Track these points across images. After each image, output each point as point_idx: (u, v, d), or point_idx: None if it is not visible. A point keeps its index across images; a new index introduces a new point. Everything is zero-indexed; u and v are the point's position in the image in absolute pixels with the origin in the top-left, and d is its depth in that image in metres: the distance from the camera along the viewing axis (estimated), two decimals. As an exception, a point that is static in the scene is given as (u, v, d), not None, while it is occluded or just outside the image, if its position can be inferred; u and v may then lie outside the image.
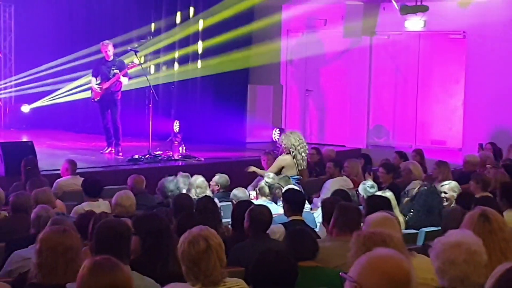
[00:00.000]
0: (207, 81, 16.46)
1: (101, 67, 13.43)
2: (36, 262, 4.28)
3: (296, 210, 6.84)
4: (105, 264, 3.40)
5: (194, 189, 8.22)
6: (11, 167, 10.39)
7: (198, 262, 4.08)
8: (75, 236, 4.45)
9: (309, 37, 16.80)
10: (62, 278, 4.17)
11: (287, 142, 10.46)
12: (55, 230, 4.44)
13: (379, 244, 3.80)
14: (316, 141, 16.38)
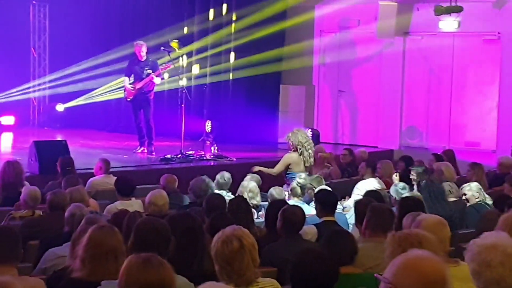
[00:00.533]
0: (240, 81, 16.47)
1: (134, 67, 13.49)
2: (81, 258, 4.32)
3: (328, 211, 6.82)
4: (153, 261, 3.42)
5: (246, 193, 8.21)
6: (45, 166, 10.47)
7: (231, 261, 4.08)
8: (120, 235, 4.49)
9: (342, 38, 16.75)
10: (105, 274, 4.21)
11: (294, 139, 10.51)
12: (104, 228, 4.50)
13: (415, 245, 3.77)
14: (348, 142, 16.33)
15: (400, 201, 7.04)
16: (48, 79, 18.51)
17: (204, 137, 14.85)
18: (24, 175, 9.00)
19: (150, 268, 3.39)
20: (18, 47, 18.00)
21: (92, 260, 4.30)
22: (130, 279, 3.38)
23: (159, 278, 3.37)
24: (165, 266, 3.44)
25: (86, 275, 4.29)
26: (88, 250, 4.32)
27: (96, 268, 4.28)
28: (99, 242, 4.32)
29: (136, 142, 14.08)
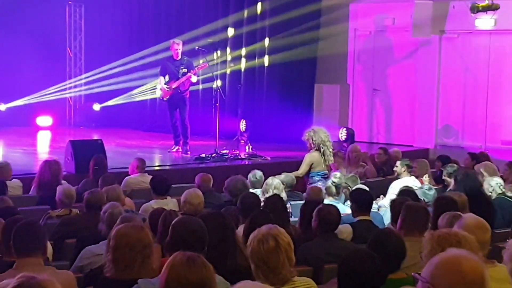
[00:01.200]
0: (274, 80, 16.46)
1: (170, 66, 13.54)
2: (112, 257, 4.34)
3: (363, 210, 6.80)
4: (197, 260, 3.46)
5: (271, 190, 8.22)
6: (81, 165, 10.54)
7: (267, 260, 4.07)
8: (150, 233, 4.51)
9: (377, 36, 16.66)
10: (136, 273, 4.23)
11: (317, 138, 10.50)
12: (134, 227, 4.50)
13: (454, 244, 3.74)
14: (383, 141, 16.23)
15: (435, 200, 6.99)
16: (84, 78, 18.66)
17: (239, 136, 14.90)
18: (61, 174, 9.07)
19: (194, 267, 3.42)
20: (54, 47, 18.18)
21: (121, 259, 4.31)
22: (173, 276, 3.41)
23: (202, 277, 3.40)
24: (207, 266, 3.47)
25: (117, 274, 4.31)
26: (116, 249, 4.34)
27: (128, 267, 4.29)
28: (130, 242, 4.32)
29: (171, 141, 14.14)
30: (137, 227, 4.49)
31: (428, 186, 8.44)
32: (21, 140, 15.46)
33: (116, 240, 4.37)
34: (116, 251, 4.34)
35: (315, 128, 10.77)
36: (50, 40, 17.82)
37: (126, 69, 17.69)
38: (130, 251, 4.31)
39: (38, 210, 7.75)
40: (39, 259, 4.60)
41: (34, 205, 8.29)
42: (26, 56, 17.10)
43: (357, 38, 16.91)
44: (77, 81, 18.72)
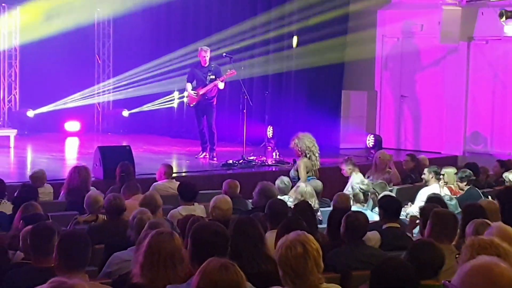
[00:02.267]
0: (301, 86, 16.45)
1: (197, 72, 13.57)
2: (141, 263, 4.36)
3: (392, 217, 6.76)
4: (229, 267, 3.48)
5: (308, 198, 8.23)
6: (110, 171, 10.59)
7: (295, 266, 4.05)
8: (179, 239, 4.51)
9: (405, 42, 16.60)
10: (164, 280, 4.23)
11: (302, 145, 10.64)
12: (164, 234, 4.50)
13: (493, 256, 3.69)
14: (411, 148, 16.16)
15: (464, 207, 6.94)
16: (112, 85, 18.76)
17: (266, 142, 14.89)
18: (90, 180, 9.12)
19: (226, 273, 3.46)
20: (83, 54, 18.29)
21: (150, 266, 4.32)
22: (206, 282, 3.44)
23: (234, 284, 3.42)
24: (239, 273, 3.50)
25: (145, 281, 4.32)
26: (147, 256, 4.35)
27: (154, 274, 4.30)
28: (157, 248, 4.35)
29: (198, 148, 14.17)
30: (167, 234, 4.50)
31: (449, 196, 8.39)
32: (49, 145, 15.58)
33: (147, 247, 4.39)
34: (145, 257, 4.35)
35: (300, 135, 10.82)
36: (78, 46, 17.94)
37: (153, 74, 17.76)
38: (158, 257, 4.32)
39: (66, 216, 7.79)
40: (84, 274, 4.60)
41: (63, 211, 8.35)
42: (55, 63, 17.23)
43: (384, 44, 16.85)
44: (105, 87, 18.82)
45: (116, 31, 18.67)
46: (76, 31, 17.52)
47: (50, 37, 17.17)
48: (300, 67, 16.29)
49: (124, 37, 18.47)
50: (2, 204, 8.15)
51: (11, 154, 14.66)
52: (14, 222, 6.70)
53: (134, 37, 18.33)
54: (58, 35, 17.16)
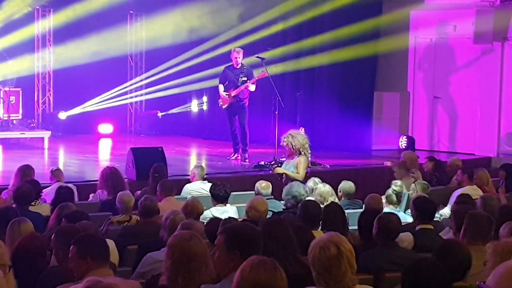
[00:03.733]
0: (333, 87, 16.41)
1: (229, 74, 13.60)
2: (165, 266, 4.42)
3: (425, 219, 6.72)
4: (268, 263, 3.50)
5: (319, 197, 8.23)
6: (142, 172, 10.67)
7: (329, 267, 4.05)
8: (202, 242, 4.53)
9: (438, 43, 16.49)
10: (188, 283, 4.27)
11: (296, 143, 10.50)
12: (182, 236, 4.53)
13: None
14: (444, 149, 16.06)
15: (499, 209, 6.88)
16: (144, 86, 18.87)
17: (298, 144, 14.84)
18: (123, 181, 9.18)
19: (264, 270, 3.49)
20: (116, 56, 18.37)
21: (173, 269, 4.37)
22: (245, 279, 3.48)
23: (273, 280, 3.45)
24: (278, 269, 3.54)
25: (171, 284, 4.36)
26: (169, 260, 4.40)
27: (178, 276, 4.35)
28: (178, 251, 4.39)
29: (230, 149, 14.20)
30: (185, 237, 4.52)
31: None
32: (83, 147, 15.72)
33: (167, 249, 4.45)
34: (168, 260, 4.41)
35: (293, 133, 10.73)
36: (111, 49, 18.04)
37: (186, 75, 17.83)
38: (179, 260, 4.37)
39: (100, 216, 7.86)
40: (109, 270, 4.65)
41: (97, 211, 8.42)
42: (88, 65, 17.37)
43: (417, 46, 16.75)
44: (138, 89, 18.93)
45: (148, 33, 18.72)
46: (109, 33, 17.67)
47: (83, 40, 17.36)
48: (332, 68, 16.26)
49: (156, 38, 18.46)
50: (38, 205, 8.24)
51: (45, 155, 14.81)
52: (49, 223, 6.76)
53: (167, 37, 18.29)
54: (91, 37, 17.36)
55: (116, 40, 18.12)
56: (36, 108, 17.61)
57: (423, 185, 9.21)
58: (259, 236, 4.46)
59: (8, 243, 5.82)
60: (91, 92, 17.87)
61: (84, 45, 17.35)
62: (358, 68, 16.26)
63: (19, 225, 6.00)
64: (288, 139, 10.55)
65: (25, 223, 6.06)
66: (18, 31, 16.91)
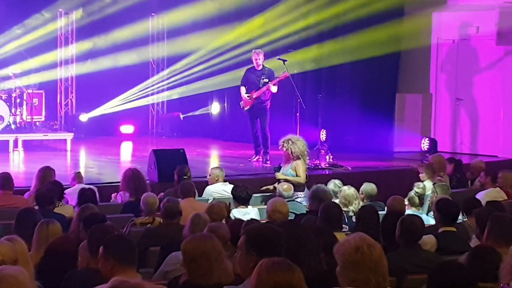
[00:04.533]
0: (354, 89, 16.37)
1: (251, 75, 13.60)
2: (186, 267, 4.52)
3: (448, 221, 6.67)
4: (284, 263, 3.51)
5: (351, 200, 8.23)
6: (164, 174, 10.71)
7: (376, 266, 3.99)
8: (213, 241, 4.58)
9: (460, 45, 16.40)
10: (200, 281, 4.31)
11: (296, 149, 10.44)
12: (193, 236, 4.67)
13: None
14: (467, 151, 15.96)
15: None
16: (166, 89, 18.93)
17: (319, 146, 14.84)
18: (145, 182, 9.21)
19: (281, 270, 3.51)
20: (138, 58, 18.42)
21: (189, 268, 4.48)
22: (262, 280, 3.50)
23: (290, 280, 3.45)
24: (295, 269, 3.55)
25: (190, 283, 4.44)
26: (185, 259, 4.51)
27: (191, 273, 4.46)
28: (190, 251, 4.50)
29: (251, 151, 14.20)
30: (205, 237, 4.60)
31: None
32: (105, 148, 15.79)
33: (186, 252, 4.55)
34: (188, 261, 4.51)
35: (293, 139, 10.65)
36: (133, 51, 18.09)
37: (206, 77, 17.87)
38: (191, 260, 4.48)
39: (123, 218, 7.88)
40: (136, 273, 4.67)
41: (119, 213, 8.44)
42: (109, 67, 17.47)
43: (440, 47, 16.66)
44: (159, 90, 18.99)
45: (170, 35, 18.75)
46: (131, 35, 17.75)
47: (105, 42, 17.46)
48: (354, 69, 16.22)
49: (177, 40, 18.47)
50: (61, 206, 8.28)
51: (68, 157, 14.90)
52: (72, 225, 6.80)
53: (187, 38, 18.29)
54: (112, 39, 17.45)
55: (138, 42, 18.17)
56: (58, 110, 17.71)
57: (443, 186, 9.14)
58: (279, 238, 4.47)
59: (35, 244, 5.90)
60: (112, 93, 17.94)
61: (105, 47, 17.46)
62: (380, 70, 16.21)
63: (47, 226, 6.04)
64: (288, 145, 10.52)
65: (53, 224, 6.11)
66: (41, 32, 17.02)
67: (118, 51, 17.58)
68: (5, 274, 3.42)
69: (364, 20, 15.67)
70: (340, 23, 16.11)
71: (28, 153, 14.86)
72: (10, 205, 8.67)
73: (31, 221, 6.38)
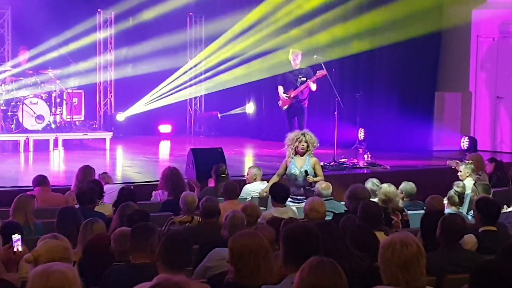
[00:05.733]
0: (393, 88, 16.25)
1: (288, 75, 13.61)
2: (232, 264, 4.49)
3: (489, 221, 6.60)
4: (328, 264, 3.50)
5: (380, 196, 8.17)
6: (202, 173, 10.73)
7: (409, 264, 3.97)
8: (260, 238, 4.56)
9: (500, 43, 16.21)
10: (254, 279, 4.28)
11: (314, 142, 10.43)
12: (241, 233, 4.66)
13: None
14: (507, 150, 15.79)
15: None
16: (204, 88, 18.99)
17: (357, 144, 14.81)
18: (183, 181, 9.24)
19: (324, 271, 3.51)
20: (176, 58, 18.48)
21: (236, 265, 4.45)
22: (305, 280, 3.50)
23: (333, 282, 3.43)
24: (338, 271, 3.53)
25: (237, 280, 4.42)
26: (235, 257, 4.48)
27: (242, 273, 4.42)
28: (237, 248, 4.49)
29: (289, 150, 14.15)
30: (253, 234, 4.58)
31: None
32: (143, 148, 15.90)
33: (230, 248, 4.52)
34: (235, 259, 4.48)
35: (309, 132, 10.55)
36: (172, 50, 18.17)
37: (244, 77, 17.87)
38: (239, 256, 4.45)
39: (162, 216, 7.92)
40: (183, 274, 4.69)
41: (158, 212, 8.49)
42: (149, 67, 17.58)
43: (479, 45, 16.49)
44: (198, 91, 19.07)
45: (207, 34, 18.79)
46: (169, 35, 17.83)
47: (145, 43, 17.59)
48: (392, 68, 16.13)
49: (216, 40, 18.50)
50: (101, 205, 8.35)
51: (107, 156, 15.03)
52: (112, 224, 6.85)
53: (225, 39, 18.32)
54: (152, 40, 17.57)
55: (177, 42, 18.24)
56: (98, 109, 17.87)
57: (484, 185, 9.05)
58: (314, 237, 4.46)
59: (80, 242, 5.97)
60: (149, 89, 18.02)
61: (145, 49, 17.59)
62: (418, 68, 16.10)
63: (91, 225, 6.14)
64: (305, 138, 10.37)
65: (97, 223, 6.20)
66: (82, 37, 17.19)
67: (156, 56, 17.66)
68: (55, 270, 3.46)
69: (402, 17, 15.53)
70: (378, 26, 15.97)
71: (68, 152, 15.02)
72: (50, 202, 8.78)
73: (73, 220, 6.47)
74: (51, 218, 7.14)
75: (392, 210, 8.05)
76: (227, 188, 8.63)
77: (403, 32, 15.55)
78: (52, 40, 16.64)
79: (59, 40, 16.81)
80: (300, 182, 9.96)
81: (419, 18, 15.43)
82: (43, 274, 3.42)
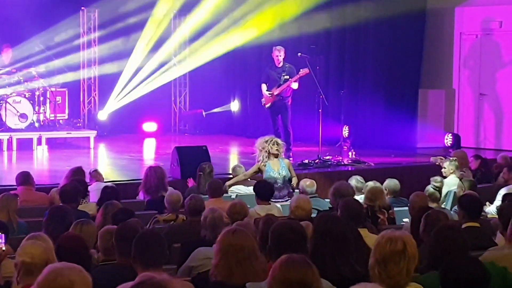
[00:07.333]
0: (377, 85, 16.28)
1: (271, 72, 13.58)
2: (216, 261, 4.48)
3: (472, 217, 6.62)
4: (298, 260, 3.50)
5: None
6: (187, 171, 10.73)
7: (388, 260, 3.98)
8: (248, 235, 4.55)
9: (483, 40, 16.29)
10: (241, 277, 4.28)
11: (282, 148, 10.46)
12: (228, 230, 4.64)
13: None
14: (491, 147, 15.86)
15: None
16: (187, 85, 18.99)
17: (342, 142, 14.83)
18: (166, 179, 9.24)
19: (295, 267, 3.52)
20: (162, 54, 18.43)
21: (225, 263, 4.43)
22: (277, 277, 3.52)
23: (304, 277, 3.44)
24: (309, 266, 3.54)
25: (222, 279, 4.39)
26: (220, 254, 4.47)
27: (229, 271, 4.41)
28: (223, 246, 4.47)
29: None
30: (240, 232, 4.57)
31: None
32: (127, 146, 15.87)
33: (218, 245, 4.50)
34: (220, 256, 4.46)
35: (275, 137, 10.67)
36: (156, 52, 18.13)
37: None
38: (224, 254, 4.44)
39: (146, 215, 7.92)
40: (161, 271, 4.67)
41: (142, 210, 8.48)
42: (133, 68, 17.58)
43: (462, 42, 16.56)
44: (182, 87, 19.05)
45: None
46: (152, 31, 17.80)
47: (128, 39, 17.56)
48: (376, 66, 16.16)
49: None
50: (84, 204, 8.33)
51: (91, 155, 14.98)
52: (95, 222, 6.82)
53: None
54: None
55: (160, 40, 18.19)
56: (81, 108, 17.80)
57: (470, 182, 9.10)
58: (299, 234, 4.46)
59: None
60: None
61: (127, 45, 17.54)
62: (402, 66, 16.13)
63: (81, 227, 6.01)
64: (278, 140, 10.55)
65: (88, 225, 6.07)
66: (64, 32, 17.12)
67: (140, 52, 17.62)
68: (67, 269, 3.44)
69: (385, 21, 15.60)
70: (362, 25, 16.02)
71: (51, 150, 14.96)
72: (33, 201, 8.74)
73: (63, 220, 6.32)
74: (35, 217, 7.10)
75: (378, 208, 8.07)
76: (211, 186, 8.63)
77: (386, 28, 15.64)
78: (35, 38, 16.57)
79: (43, 38, 16.73)
80: (280, 184, 9.99)
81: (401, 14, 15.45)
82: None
